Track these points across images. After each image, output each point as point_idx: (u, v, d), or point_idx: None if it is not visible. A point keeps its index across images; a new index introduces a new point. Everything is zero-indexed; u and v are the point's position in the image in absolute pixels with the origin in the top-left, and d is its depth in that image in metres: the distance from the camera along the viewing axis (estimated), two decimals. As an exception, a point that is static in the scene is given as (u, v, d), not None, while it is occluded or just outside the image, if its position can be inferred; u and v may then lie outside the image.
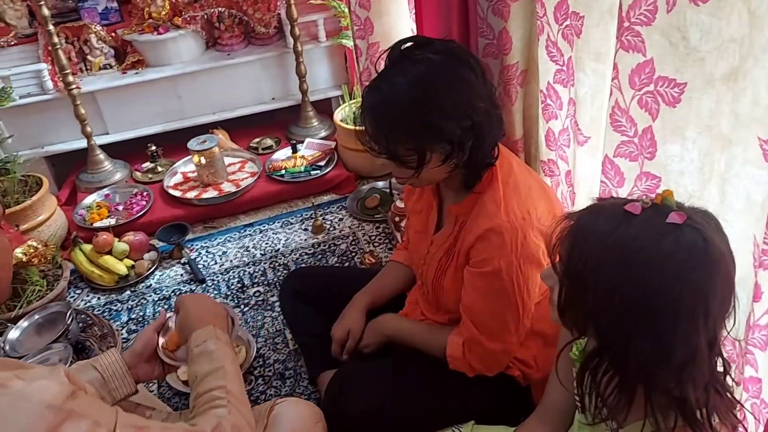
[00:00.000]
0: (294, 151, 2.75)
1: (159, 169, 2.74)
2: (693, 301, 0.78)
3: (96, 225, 2.42)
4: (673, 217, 0.80)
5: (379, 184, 2.59)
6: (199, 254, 2.37)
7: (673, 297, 0.79)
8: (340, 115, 2.67)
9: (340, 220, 2.48)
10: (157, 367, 1.30)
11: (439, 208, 1.44)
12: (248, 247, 2.38)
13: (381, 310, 1.65)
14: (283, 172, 2.64)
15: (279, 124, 3.02)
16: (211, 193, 2.55)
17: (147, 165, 2.76)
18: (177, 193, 2.56)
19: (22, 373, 0.81)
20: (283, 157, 2.74)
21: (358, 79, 2.54)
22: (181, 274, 2.27)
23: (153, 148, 2.74)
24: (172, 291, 2.19)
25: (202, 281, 2.22)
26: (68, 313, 1.80)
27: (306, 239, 2.39)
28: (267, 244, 2.39)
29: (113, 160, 2.75)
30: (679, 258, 0.79)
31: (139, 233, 2.35)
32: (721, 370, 0.88)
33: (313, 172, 2.63)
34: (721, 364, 0.87)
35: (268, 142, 2.91)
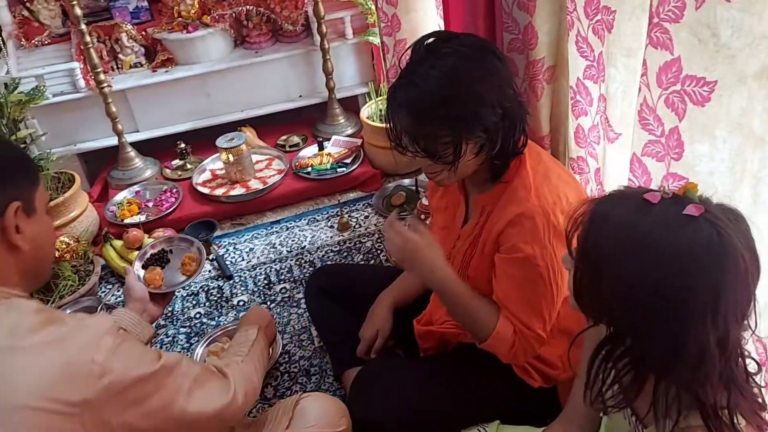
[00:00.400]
0: (320, 148, 2.76)
1: (188, 166, 2.78)
2: (702, 296, 0.77)
3: (126, 221, 2.46)
4: (690, 209, 0.79)
5: (405, 182, 2.59)
6: (227, 251, 2.40)
7: (683, 289, 0.77)
8: (367, 112, 2.67)
9: (366, 217, 2.48)
10: (157, 305, 1.49)
11: (466, 203, 1.44)
12: (275, 244, 2.40)
13: (406, 308, 1.65)
14: (309, 169, 2.65)
15: (306, 121, 3.03)
16: (238, 191, 2.57)
17: (176, 162, 2.80)
18: (205, 190, 2.59)
19: (72, 316, 0.98)
20: (309, 155, 2.75)
21: (385, 76, 2.54)
22: (209, 270, 2.30)
23: (182, 145, 2.77)
24: (200, 287, 2.22)
25: (230, 277, 2.25)
26: (99, 308, 1.85)
27: (332, 236, 2.40)
28: (293, 241, 2.40)
29: (143, 158, 2.79)
30: (691, 250, 0.77)
31: (168, 229, 2.39)
32: (753, 370, 0.86)
33: (339, 170, 2.64)
34: (748, 364, 0.85)
35: (295, 139, 2.92)
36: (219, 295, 2.18)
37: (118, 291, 2.26)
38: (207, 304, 2.14)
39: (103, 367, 0.89)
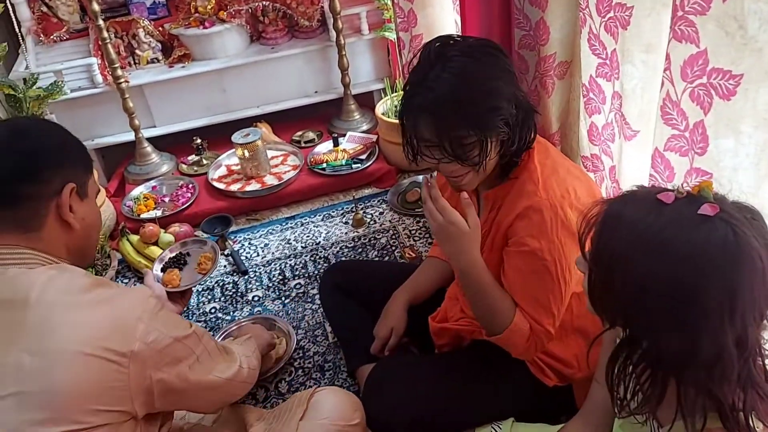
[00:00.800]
0: (336, 144, 2.75)
1: (204, 161, 2.78)
2: (718, 296, 0.75)
3: (143, 216, 2.47)
4: (705, 209, 0.77)
5: (420, 178, 2.57)
6: (242, 246, 2.40)
7: (698, 290, 0.76)
8: (382, 108, 2.66)
9: (381, 213, 2.48)
10: (176, 303, 1.54)
11: (477, 200, 1.42)
12: (290, 239, 2.40)
13: (421, 305, 1.64)
14: (324, 165, 2.65)
15: (321, 117, 3.03)
16: (254, 186, 2.57)
17: (192, 158, 2.81)
18: (221, 186, 2.60)
19: (116, 283, 1.10)
20: (324, 151, 2.75)
21: (401, 72, 2.53)
22: (224, 266, 2.30)
23: (198, 141, 2.78)
24: (216, 282, 2.23)
25: (245, 273, 2.25)
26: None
27: (346, 232, 2.39)
28: (308, 236, 2.40)
29: (160, 153, 2.80)
30: (706, 251, 0.76)
31: (184, 225, 2.40)
32: None
33: (354, 166, 2.63)
34: None
35: (311, 135, 2.92)
36: (234, 291, 2.18)
37: (135, 285, 2.27)
38: (222, 299, 2.15)
39: (147, 325, 1.00)
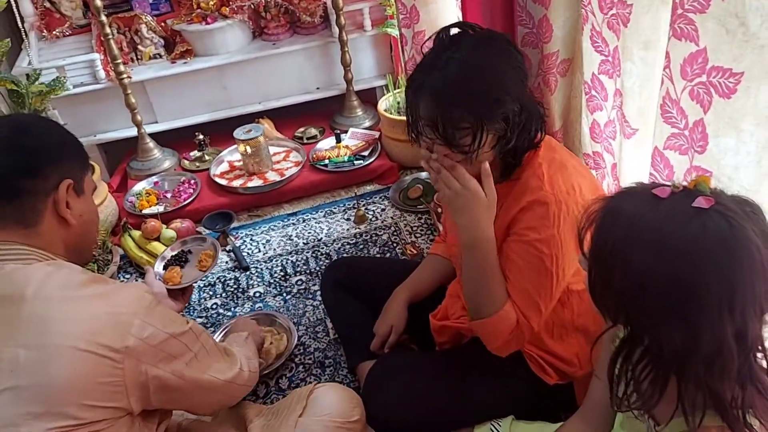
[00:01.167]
0: (338, 140, 2.75)
1: (206, 157, 2.79)
2: (716, 290, 0.75)
3: (145, 212, 2.48)
4: (700, 202, 0.77)
5: (422, 175, 2.57)
6: (244, 242, 2.40)
7: (696, 285, 0.76)
8: (385, 104, 2.65)
9: (383, 210, 2.48)
10: (177, 300, 1.54)
11: None
12: (291, 236, 2.40)
13: (422, 303, 1.64)
14: (326, 161, 2.65)
15: (323, 113, 3.02)
16: (256, 182, 2.58)
17: (194, 153, 2.81)
18: (223, 182, 2.60)
19: (112, 279, 1.09)
20: (327, 147, 2.75)
21: (403, 68, 2.52)
22: (226, 262, 2.31)
23: (200, 136, 2.78)
24: (217, 278, 2.23)
25: (246, 269, 2.25)
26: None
27: (348, 229, 2.39)
28: (310, 233, 2.40)
29: (162, 149, 2.80)
30: (700, 243, 0.75)
31: (186, 220, 2.40)
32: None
33: (356, 162, 2.63)
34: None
35: (313, 131, 2.92)
36: (235, 287, 2.18)
37: (137, 281, 2.27)
38: (223, 295, 2.15)
39: (143, 320, 1.00)
